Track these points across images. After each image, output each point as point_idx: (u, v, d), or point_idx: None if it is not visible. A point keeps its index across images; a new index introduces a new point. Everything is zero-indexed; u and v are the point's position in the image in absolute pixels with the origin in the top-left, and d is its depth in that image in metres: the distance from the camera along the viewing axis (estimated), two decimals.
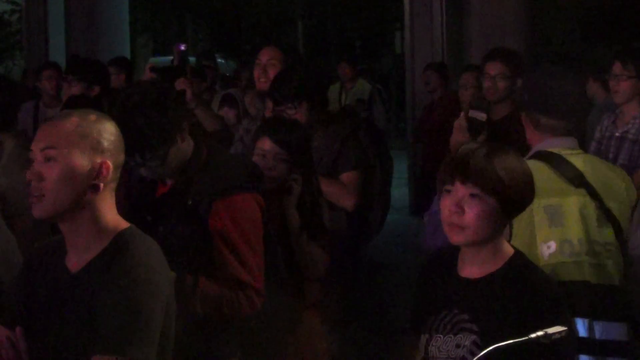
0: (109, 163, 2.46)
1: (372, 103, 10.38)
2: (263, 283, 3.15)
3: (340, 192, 4.35)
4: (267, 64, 4.73)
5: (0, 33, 20.87)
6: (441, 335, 2.75)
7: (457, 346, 2.70)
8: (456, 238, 2.68)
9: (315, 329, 3.89)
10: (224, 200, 3.10)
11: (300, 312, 3.77)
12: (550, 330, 2.33)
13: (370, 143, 5.25)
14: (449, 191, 2.67)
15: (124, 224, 2.51)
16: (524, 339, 2.32)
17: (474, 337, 2.67)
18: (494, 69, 5.15)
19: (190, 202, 3.09)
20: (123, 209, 2.62)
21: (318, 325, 3.91)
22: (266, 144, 3.84)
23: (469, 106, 4.00)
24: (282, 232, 3.69)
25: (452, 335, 2.72)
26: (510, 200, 2.66)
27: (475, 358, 2.30)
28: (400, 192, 11.07)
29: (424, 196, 10.32)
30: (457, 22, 10.83)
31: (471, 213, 2.63)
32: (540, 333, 2.32)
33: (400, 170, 11.23)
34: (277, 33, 25.50)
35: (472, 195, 2.63)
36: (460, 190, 2.64)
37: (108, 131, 2.49)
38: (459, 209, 2.64)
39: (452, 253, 2.79)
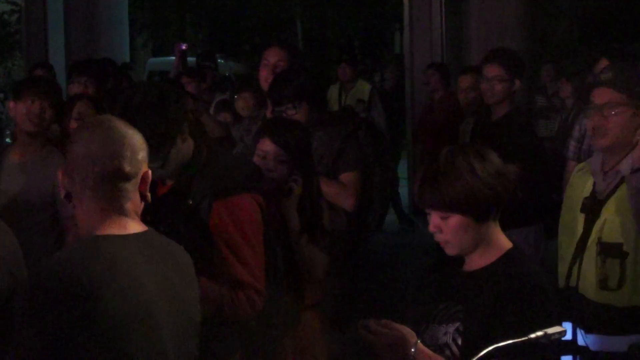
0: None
1: (372, 104, 10.37)
2: (264, 283, 3.16)
3: (339, 193, 4.35)
4: (276, 65, 4.71)
5: (0, 33, 20.87)
6: (436, 325, 2.84)
7: (444, 334, 2.80)
8: (449, 252, 2.83)
9: (315, 329, 3.89)
10: (224, 200, 3.10)
11: (300, 312, 3.77)
12: (550, 330, 2.37)
13: (370, 143, 5.26)
14: (429, 213, 2.82)
15: None
16: (523, 339, 2.36)
17: (457, 324, 2.76)
18: (491, 71, 5.14)
19: (191, 203, 3.10)
20: None
21: (318, 326, 3.91)
22: (266, 145, 3.84)
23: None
24: (281, 233, 3.69)
25: (444, 325, 2.81)
26: (475, 210, 2.75)
27: (475, 358, 2.33)
28: (400, 192, 11.07)
29: None
30: (456, 23, 10.83)
31: (447, 232, 2.78)
32: (540, 333, 2.36)
33: (400, 170, 11.24)
34: (277, 33, 25.51)
35: (441, 217, 2.77)
36: (432, 214, 2.80)
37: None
38: (438, 229, 2.79)
39: None
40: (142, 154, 2.49)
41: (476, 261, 2.82)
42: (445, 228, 2.77)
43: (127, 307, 2.33)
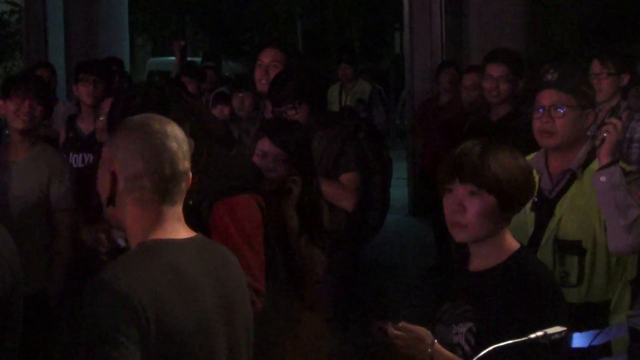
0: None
1: (372, 104, 10.37)
2: (264, 284, 3.16)
3: (340, 193, 4.35)
4: (269, 65, 4.71)
5: (0, 33, 20.88)
6: (444, 325, 2.82)
7: (455, 334, 2.77)
8: (459, 236, 2.75)
9: (315, 329, 3.89)
10: (224, 201, 3.11)
11: (300, 312, 3.78)
12: (550, 330, 2.36)
13: (370, 143, 5.26)
14: (450, 190, 2.73)
15: None
16: (524, 339, 2.36)
17: (469, 324, 2.73)
18: (496, 71, 5.12)
19: (191, 203, 3.09)
20: None
21: (318, 326, 3.91)
22: (266, 145, 3.84)
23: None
24: (281, 233, 3.69)
25: (453, 325, 2.79)
26: (508, 196, 2.71)
27: (475, 358, 2.33)
28: (399, 192, 11.08)
29: (423, 197, 10.32)
30: (456, 23, 10.83)
31: (472, 210, 2.70)
32: (540, 333, 2.35)
33: (400, 171, 11.25)
34: (277, 33, 25.54)
35: (471, 193, 2.69)
36: (459, 188, 2.70)
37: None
38: (460, 207, 2.71)
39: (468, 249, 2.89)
40: (189, 150, 2.42)
41: (484, 261, 2.78)
42: (471, 207, 2.69)
43: (190, 316, 2.25)
